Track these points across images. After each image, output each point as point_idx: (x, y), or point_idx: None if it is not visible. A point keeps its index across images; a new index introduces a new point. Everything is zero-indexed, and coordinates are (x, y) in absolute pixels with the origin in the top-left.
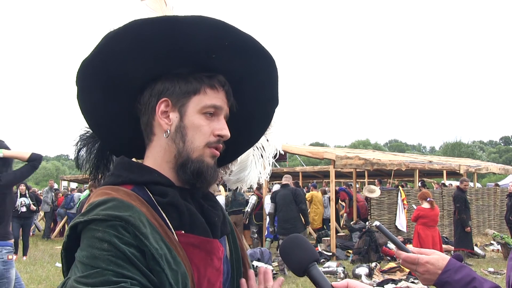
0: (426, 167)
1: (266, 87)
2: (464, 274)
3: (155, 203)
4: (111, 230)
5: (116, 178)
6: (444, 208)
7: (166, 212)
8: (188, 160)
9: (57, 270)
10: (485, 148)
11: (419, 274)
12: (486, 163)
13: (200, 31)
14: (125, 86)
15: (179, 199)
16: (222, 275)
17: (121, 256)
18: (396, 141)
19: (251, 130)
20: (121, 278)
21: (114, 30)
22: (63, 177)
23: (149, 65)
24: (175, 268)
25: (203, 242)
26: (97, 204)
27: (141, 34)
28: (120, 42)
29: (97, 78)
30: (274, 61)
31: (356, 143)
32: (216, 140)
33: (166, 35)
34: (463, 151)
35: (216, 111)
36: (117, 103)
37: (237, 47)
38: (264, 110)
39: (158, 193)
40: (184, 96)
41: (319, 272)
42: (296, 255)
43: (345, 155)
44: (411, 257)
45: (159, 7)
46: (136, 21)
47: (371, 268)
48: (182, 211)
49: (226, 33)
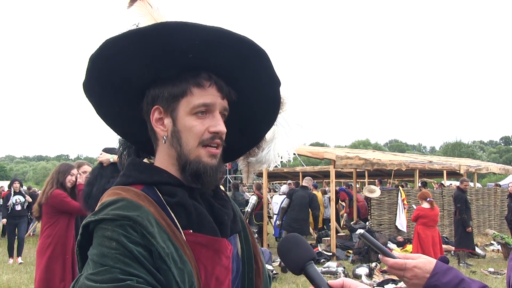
0: (426, 167)
1: (260, 71)
2: (452, 276)
3: (164, 203)
4: (120, 229)
5: (127, 178)
6: (444, 208)
7: (174, 212)
8: (187, 162)
9: None
10: (485, 148)
11: (407, 279)
12: (486, 163)
13: (170, 35)
14: (127, 97)
15: (187, 199)
16: (231, 273)
17: (129, 254)
18: (396, 141)
19: (263, 115)
20: (128, 276)
21: (93, 53)
22: None
23: (139, 73)
24: (181, 266)
25: (211, 241)
26: (107, 204)
27: (122, 49)
28: (101, 59)
29: (101, 92)
30: (254, 44)
31: (356, 143)
32: (211, 137)
33: (142, 45)
34: (463, 151)
35: (208, 109)
36: (126, 113)
37: (208, 43)
38: (267, 93)
39: (167, 193)
40: (173, 101)
41: (316, 271)
42: (293, 254)
43: (345, 155)
44: (398, 263)
45: (146, 11)
46: (108, 40)
47: (371, 268)
48: (190, 210)
49: (193, 33)
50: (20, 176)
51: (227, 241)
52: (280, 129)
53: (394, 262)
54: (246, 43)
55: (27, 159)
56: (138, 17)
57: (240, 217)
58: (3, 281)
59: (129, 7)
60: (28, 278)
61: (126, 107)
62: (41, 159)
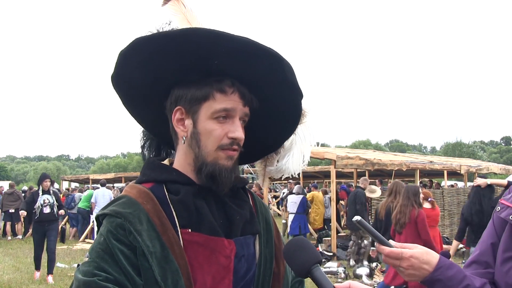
0: (427, 167)
1: (284, 82)
2: (456, 271)
3: (168, 201)
4: (109, 225)
5: (142, 176)
6: (445, 208)
7: (176, 210)
8: (203, 164)
9: (58, 270)
10: (486, 148)
11: (403, 269)
12: (487, 163)
13: (197, 42)
14: (153, 94)
15: (189, 198)
16: (234, 273)
17: (109, 251)
18: (397, 141)
19: (284, 124)
20: (101, 272)
21: (123, 49)
22: (64, 177)
23: (165, 73)
24: (165, 265)
25: (208, 240)
26: (113, 200)
27: (150, 49)
28: (131, 56)
29: (127, 86)
30: (278, 57)
31: (356, 143)
32: (230, 142)
33: (169, 48)
34: (464, 151)
35: (228, 114)
36: (151, 108)
37: (234, 52)
38: (289, 103)
39: (173, 191)
40: (196, 103)
41: (322, 274)
42: (299, 257)
43: (345, 155)
44: (395, 252)
45: (180, 10)
46: (138, 39)
47: (372, 268)
48: (191, 209)
49: (219, 41)
50: (20, 177)
51: (227, 241)
52: (297, 139)
53: (390, 251)
54: (271, 55)
55: (28, 159)
56: (171, 15)
57: (266, 220)
58: (4, 281)
59: (164, 4)
60: (28, 278)
61: (151, 103)
62: (42, 159)
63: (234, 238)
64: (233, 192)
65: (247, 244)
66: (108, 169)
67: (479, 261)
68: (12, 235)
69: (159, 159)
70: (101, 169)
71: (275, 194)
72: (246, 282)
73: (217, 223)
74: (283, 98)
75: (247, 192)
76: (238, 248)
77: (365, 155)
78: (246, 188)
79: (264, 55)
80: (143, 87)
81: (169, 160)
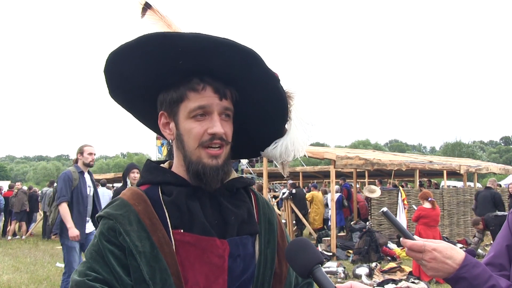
0: (426, 167)
1: (254, 70)
2: (481, 270)
3: (161, 202)
4: (102, 227)
5: (140, 179)
6: (445, 208)
7: (169, 211)
8: (190, 163)
9: (58, 270)
10: (485, 148)
11: (425, 262)
12: (487, 163)
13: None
14: (147, 101)
15: (181, 198)
16: (229, 273)
17: (100, 252)
18: (397, 141)
19: (273, 111)
20: (92, 272)
21: (104, 63)
22: None
23: (146, 80)
24: (154, 264)
25: (199, 240)
26: (109, 202)
27: (125, 59)
28: (111, 74)
29: (123, 97)
30: (235, 45)
31: (356, 143)
32: (210, 138)
33: (138, 54)
34: (464, 151)
35: (205, 111)
36: (151, 114)
37: (191, 49)
38: (269, 90)
39: (167, 193)
40: (174, 106)
41: (323, 274)
42: (301, 258)
43: (345, 155)
44: (417, 244)
45: (158, 17)
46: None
47: (371, 268)
48: (183, 210)
49: (168, 41)
50: (20, 177)
51: (219, 241)
52: (292, 124)
53: (412, 244)
54: (228, 45)
55: (27, 159)
56: (151, 24)
57: (269, 220)
58: (4, 281)
59: (142, 16)
60: (28, 278)
61: (148, 109)
62: (41, 159)
63: (229, 238)
64: (231, 193)
65: (243, 244)
66: (108, 169)
67: (493, 263)
68: (12, 235)
69: (158, 162)
70: (100, 169)
71: (274, 194)
72: (243, 282)
73: (211, 223)
74: (260, 86)
75: (249, 193)
76: (233, 248)
77: (365, 155)
78: (250, 189)
79: (222, 47)
80: (135, 96)
81: (169, 162)
